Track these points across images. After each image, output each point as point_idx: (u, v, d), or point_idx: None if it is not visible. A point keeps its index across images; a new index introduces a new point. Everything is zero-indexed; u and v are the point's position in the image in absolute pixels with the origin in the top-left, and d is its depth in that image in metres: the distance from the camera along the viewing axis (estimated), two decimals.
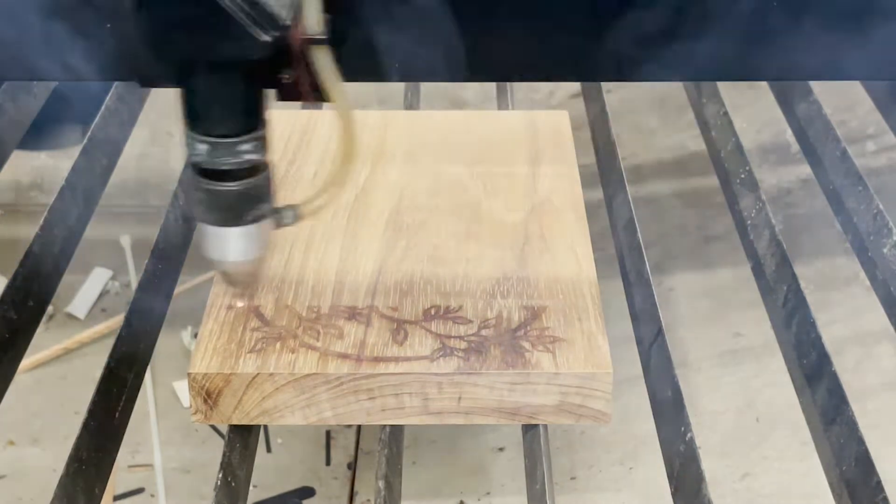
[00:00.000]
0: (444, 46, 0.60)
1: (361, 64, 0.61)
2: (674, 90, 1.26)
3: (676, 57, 0.61)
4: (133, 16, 0.56)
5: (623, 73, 0.63)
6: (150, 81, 0.62)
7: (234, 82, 0.60)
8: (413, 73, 0.65)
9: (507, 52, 0.62)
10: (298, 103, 0.64)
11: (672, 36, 0.60)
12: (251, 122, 0.62)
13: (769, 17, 0.60)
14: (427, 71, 0.62)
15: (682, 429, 0.68)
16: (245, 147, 0.62)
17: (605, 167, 0.97)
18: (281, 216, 0.68)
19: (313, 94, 0.59)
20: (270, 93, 0.61)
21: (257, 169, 0.64)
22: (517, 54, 0.62)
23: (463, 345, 0.70)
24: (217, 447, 1.22)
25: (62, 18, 0.60)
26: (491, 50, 0.62)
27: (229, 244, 0.66)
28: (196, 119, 0.61)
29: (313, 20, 0.56)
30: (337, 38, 0.57)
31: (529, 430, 0.71)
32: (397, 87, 1.09)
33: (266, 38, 0.56)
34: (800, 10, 0.60)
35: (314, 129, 0.94)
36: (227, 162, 0.62)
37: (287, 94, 0.60)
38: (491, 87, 1.15)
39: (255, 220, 0.66)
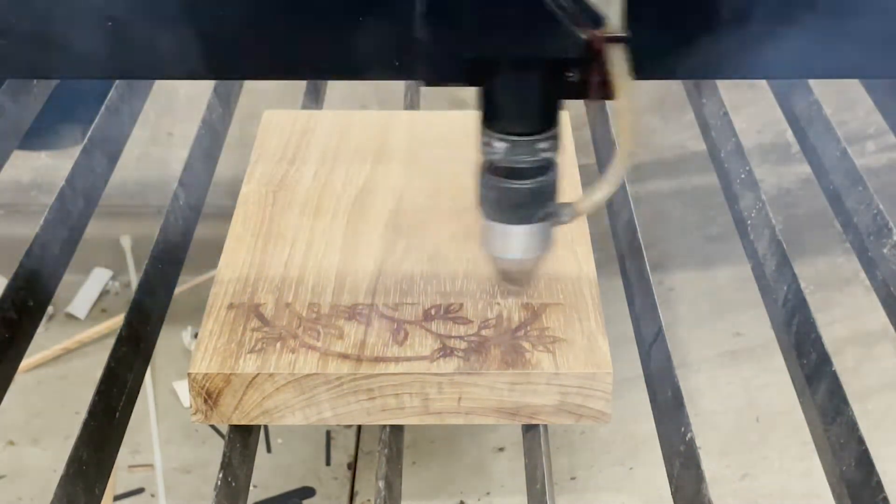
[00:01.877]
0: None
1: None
2: (674, 90, 1.26)
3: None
4: (429, 15, 0.55)
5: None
6: (437, 80, 0.61)
7: (540, 80, 0.60)
8: None
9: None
10: (299, 103, 0.64)
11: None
12: (549, 119, 0.62)
13: None
14: None
15: (682, 429, 0.68)
16: (542, 145, 0.62)
17: (605, 167, 0.97)
18: (559, 214, 0.67)
19: (600, 92, 0.59)
20: None
21: (549, 167, 0.64)
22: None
23: (463, 345, 0.70)
24: (217, 447, 1.22)
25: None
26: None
27: (517, 242, 0.67)
28: (497, 118, 0.61)
29: (618, 18, 0.56)
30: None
31: (529, 430, 0.71)
32: (397, 87, 1.08)
33: (585, 36, 0.56)
34: None
35: (314, 130, 0.94)
36: (525, 160, 0.62)
37: (570, 93, 0.60)
38: None
39: (544, 218, 0.66)
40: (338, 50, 0.60)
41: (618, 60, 0.57)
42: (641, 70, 0.57)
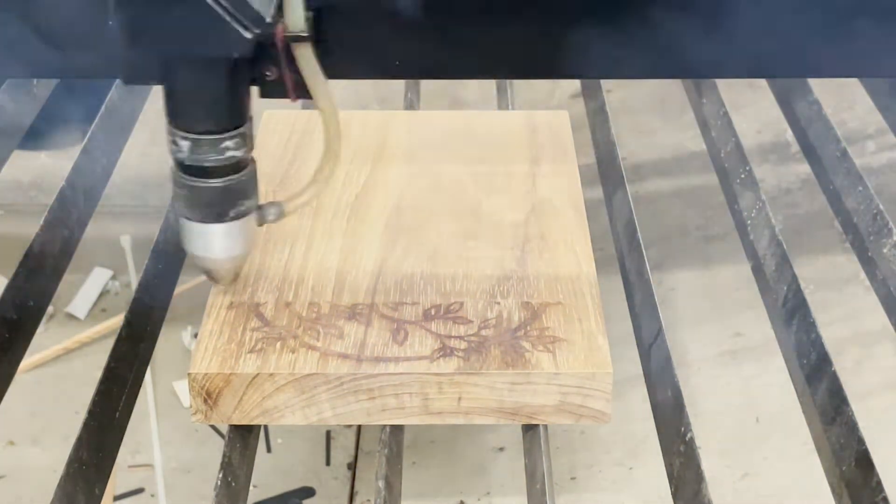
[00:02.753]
0: None
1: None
2: (674, 90, 1.26)
3: None
4: (116, 13, 0.56)
5: None
6: (134, 79, 0.62)
7: (218, 79, 0.60)
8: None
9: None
10: (298, 103, 0.64)
11: None
12: (234, 118, 0.62)
13: None
14: None
15: (682, 429, 0.68)
16: (228, 143, 0.62)
17: (604, 167, 0.97)
18: (265, 213, 0.68)
19: (297, 91, 0.59)
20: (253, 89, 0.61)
21: (241, 165, 0.64)
22: None
23: (463, 345, 0.70)
24: (217, 447, 1.22)
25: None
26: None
27: (213, 241, 0.66)
28: (179, 116, 0.61)
29: (296, 18, 0.57)
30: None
31: (529, 430, 0.71)
32: (397, 87, 1.09)
33: (249, 35, 0.56)
34: None
35: (314, 130, 0.94)
36: (210, 159, 0.62)
37: (271, 92, 0.61)
38: (491, 87, 1.14)
39: (238, 216, 0.66)
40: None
41: (306, 60, 0.57)
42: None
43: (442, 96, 1.76)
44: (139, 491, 1.23)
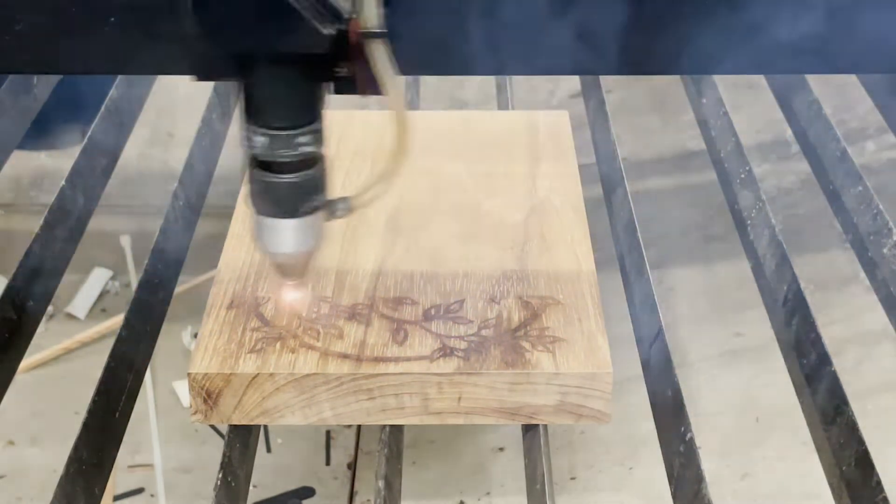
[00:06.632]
0: None
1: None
2: (674, 90, 1.26)
3: None
4: (194, 9, 0.56)
5: None
6: (207, 75, 0.62)
7: (295, 75, 0.60)
8: None
9: None
10: None
11: None
12: (309, 114, 0.62)
13: None
14: None
15: (682, 429, 0.68)
16: (302, 139, 0.62)
17: (604, 167, 0.97)
18: (334, 208, 0.68)
19: (369, 88, 0.60)
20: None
21: (313, 161, 0.64)
22: None
23: (463, 345, 0.70)
24: (217, 447, 1.22)
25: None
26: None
27: (285, 236, 0.67)
28: (255, 112, 0.61)
29: (372, 14, 0.57)
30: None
31: (529, 430, 0.71)
32: None
33: (328, 31, 0.56)
34: None
35: None
36: (284, 154, 0.62)
37: (343, 88, 0.61)
38: (491, 86, 1.15)
39: (310, 212, 0.66)
40: None
41: (379, 55, 0.57)
42: None
43: (442, 96, 1.76)
44: (139, 491, 1.23)
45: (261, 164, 0.64)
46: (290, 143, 0.63)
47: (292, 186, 0.65)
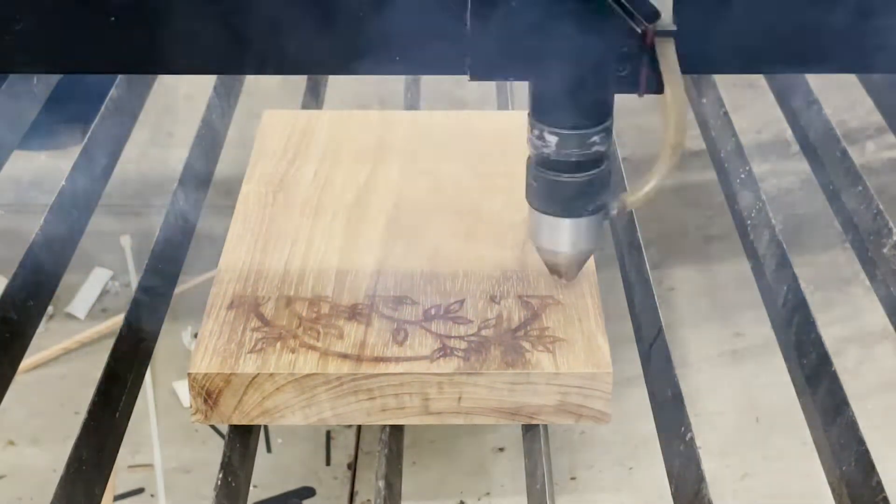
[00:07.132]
0: None
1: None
2: None
3: None
4: (488, 8, 0.55)
5: None
6: (484, 75, 0.60)
7: (594, 74, 0.60)
8: None
9: None
10: (299, 103, 0.64)
11: None
12: (603, 113, 0.62)
13: None
14: None
15: (682, 429, 0.68)
16: (595, 139, 0.62)
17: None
18: (608, 207, 0.68)
19: (647, 86, 0.59)
20: None
21: (602, 160, 0.64)
22: None
23: (463, 345, 0.70)
24: (217, 447, 1.22)
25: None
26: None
27: (567, 235, 0.67)
28: (548, 111, 0.61)
29: (669, 13, 0.57)
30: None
31: (529, 430, 0.71)
32: (397, 87, 1.08)
33: (640, 29, 0.56)
34: None
35: (314, 130, 0.94)
36: (576, 153, 0.62)
37: (621, 87, 0.61)
38: (491, 86, 1.14)
39: (595, 210, 0.66)
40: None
41: (668, 54, 0.57)
42: None
43: (442, 96, 1.76)
44: (139, 491, 1.23)
45: (548, 163, 0.63)
46: (584, 143, 0.62)
47: (581, 185, 0.64)
